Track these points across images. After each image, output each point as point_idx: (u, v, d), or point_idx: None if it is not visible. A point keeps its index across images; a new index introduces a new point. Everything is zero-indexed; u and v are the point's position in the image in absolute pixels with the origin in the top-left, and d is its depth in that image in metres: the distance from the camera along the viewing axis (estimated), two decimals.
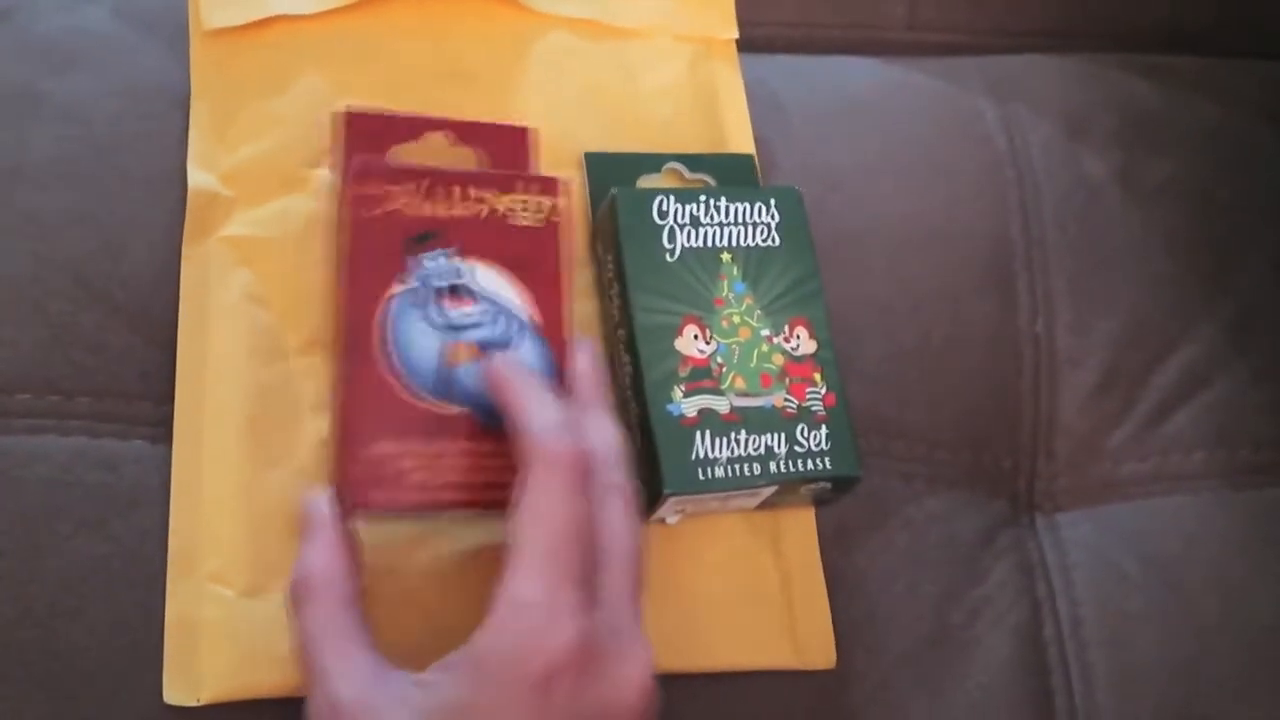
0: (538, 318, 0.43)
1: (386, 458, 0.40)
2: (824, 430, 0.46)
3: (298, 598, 0.39)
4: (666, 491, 0.44)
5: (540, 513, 0.37)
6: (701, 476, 0.44)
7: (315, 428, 0.44)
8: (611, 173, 0.50)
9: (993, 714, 0.49)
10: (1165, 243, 0.57)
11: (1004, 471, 0.54)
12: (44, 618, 0.41)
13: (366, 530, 0.42)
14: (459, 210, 0.42)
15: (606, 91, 0.53)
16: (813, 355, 0.47)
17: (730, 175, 0.52)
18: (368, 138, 0.43)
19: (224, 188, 0.47)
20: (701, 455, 0.44)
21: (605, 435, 0.41)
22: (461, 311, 0.41)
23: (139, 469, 0.44)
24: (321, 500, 0.40)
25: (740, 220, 0.48)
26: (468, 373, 0.41)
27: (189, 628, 0.42)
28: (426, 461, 0.41)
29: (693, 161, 0.51)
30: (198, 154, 0.48)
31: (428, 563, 0.43)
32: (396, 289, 0.41)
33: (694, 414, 0.45)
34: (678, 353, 0.45)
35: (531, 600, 0.36)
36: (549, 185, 0.44)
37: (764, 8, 0.59)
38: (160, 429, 0.45)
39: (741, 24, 0.56)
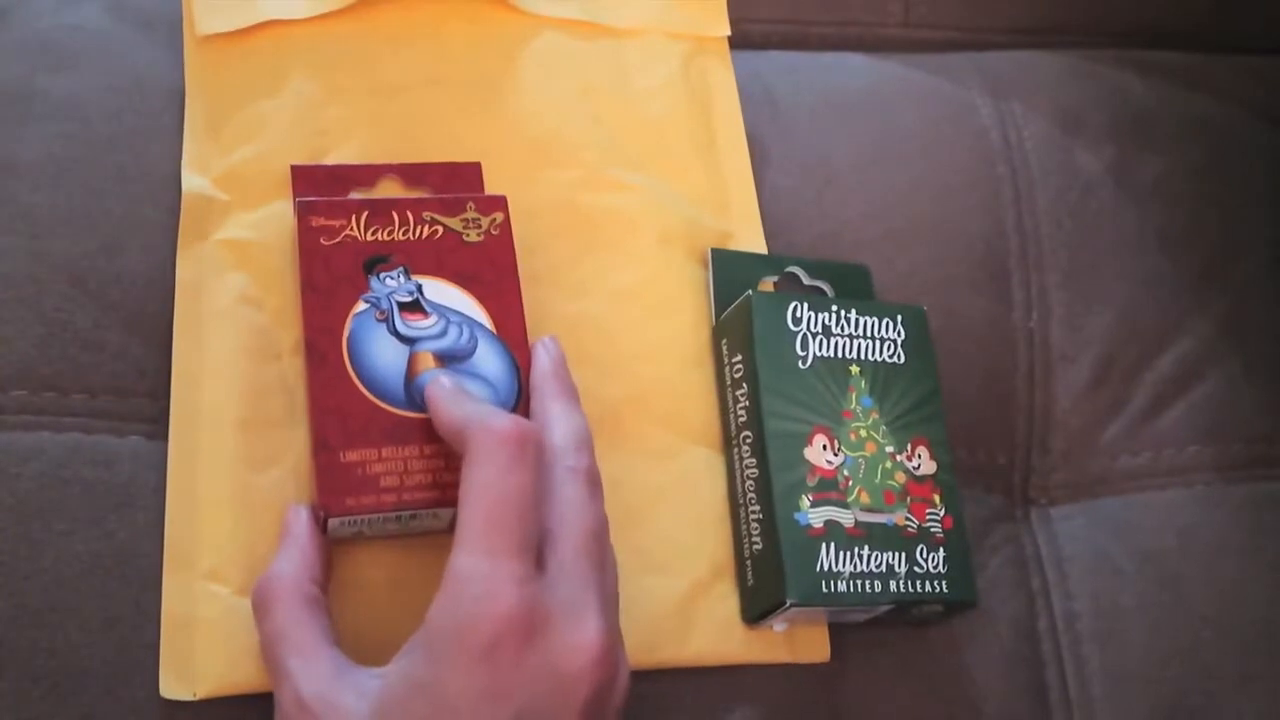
0: (495, 324, 0.45)
1: (358, 464, 0.42)
2: (942, 553, 0.46)
3: (261, 601, 0.40)
4: (790, 601, 0.44)
5: (477, 486, 0.37)
6: (825, 589, 0.44)
7: (309, 428, 0.44)
8: (734, 270, 0.50)
9: (988, 708, 0.49)
10: (1159, 238, 0.57)
11: (999, 466, 0.54)
12: (40, 613, 0.41)
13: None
14: (408, 235, 0.45)
15: (599, 92, 0.53)
16: (933, 476, 0.48)
17: (847, 284, 0.52)
18: (316, 189, 0.46)
19: (218, 191, 0.48)
20: (826, 567, 0.44)
21: (568, 423, 0.41)
22: (420, 324, 0.44)
23: (135, 465, 0.44)
24: (299, 511, 0.42)
25: (869, 334, 0.48)
26: (430, 379, 0.43)
27: (185, 624, 0.42)
28: (397, 465, 0.42)
29: (811, 268, 0.52)
30: (192, 158, 0.48)
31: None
32: (359, 307, 0.44)
33: (820, 525, 0.45)
34: (807, 462, 0.46)
35: (472, 571, 0.36)
36: (491, 203, 0.46)
37: (758, 4, 0.60)
38: (156, 425, 0.45)
39: (736, 21, 0.57)
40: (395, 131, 0.50)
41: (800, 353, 0.47)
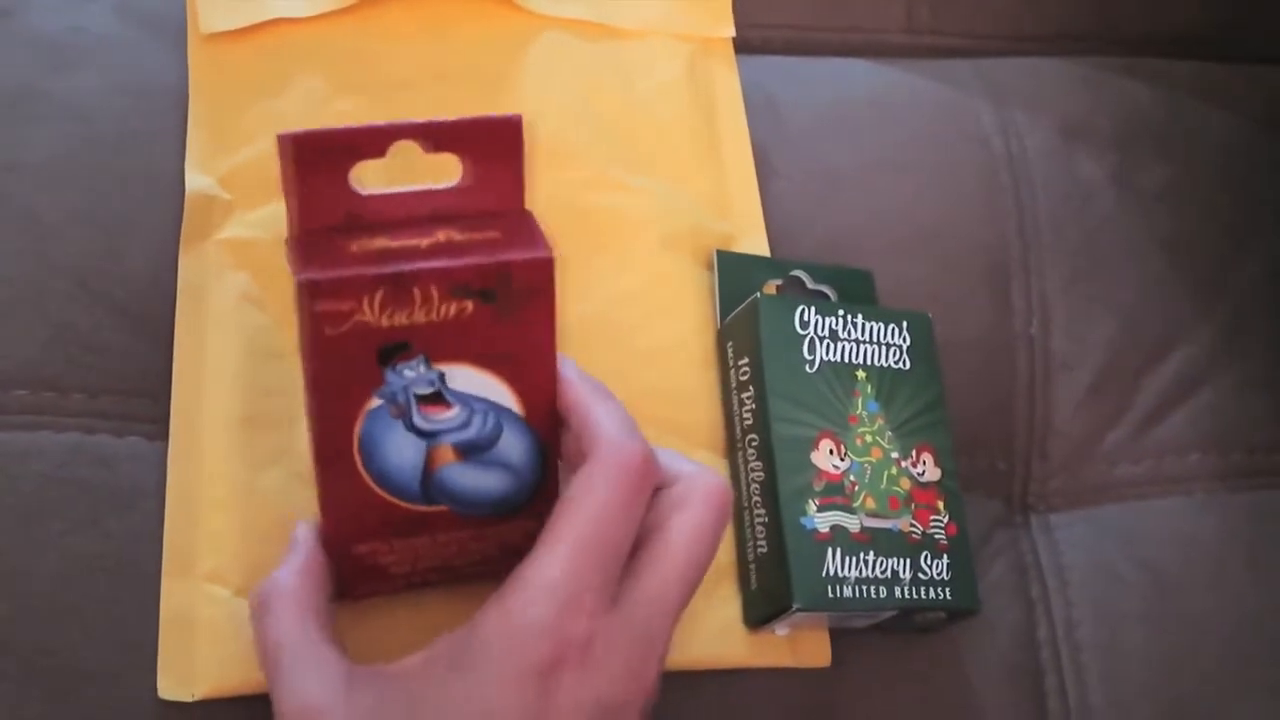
0: (522, 407, 0.39)
1: (369, 554, 0.40)
2: (945, 560, 0.46)
3: (259, 607, 0.38)
4: (796, 606, 0.43)
5: (589, 507, 0.36)
6: (831, 594, 0.44)
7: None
8: (739, 273, 0.50)
9: (987, 715, 0.49)
10: (1160, 246, 0.57)
11: (999, 473, 0.54)
12: (39, 614, 0.41)
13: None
14: (431, 315, 0.36)
15: (604, 92, 0.53)
16: (937, 483, 0.48)
17: (851, 289, 0.52)
18: (321, 161, 0.36)
19: (222, 190, 0.48)
20: (832, 572, 0.44)
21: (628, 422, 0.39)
22: (441, 417, 0.38)
23: (135, 466, 0.44)
24: (302, 527, 0.40)
25: (875, 339, 0.48)
26: (449, 474, 0.39)
27: (184, 625, 0.42)
28: (408, 555, 0.41)
29: (816, 272, 0.52)
30: (196, 157, 0.48)
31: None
32: (373, 403, 0.37)
33: (826, 529, 0.45)
34: (813, 466, 0.46)
35: (553, 587, 0.34)
36: (534, 268, 0.36)
37: (762, 10, 0.60)
38: (157, 426, 0.45)
39: (739, 26, 0.57)
40: None
41: (807, 357, 0.47)
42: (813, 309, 0.48)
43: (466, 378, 0.38)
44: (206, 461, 0.44)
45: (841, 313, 0.48)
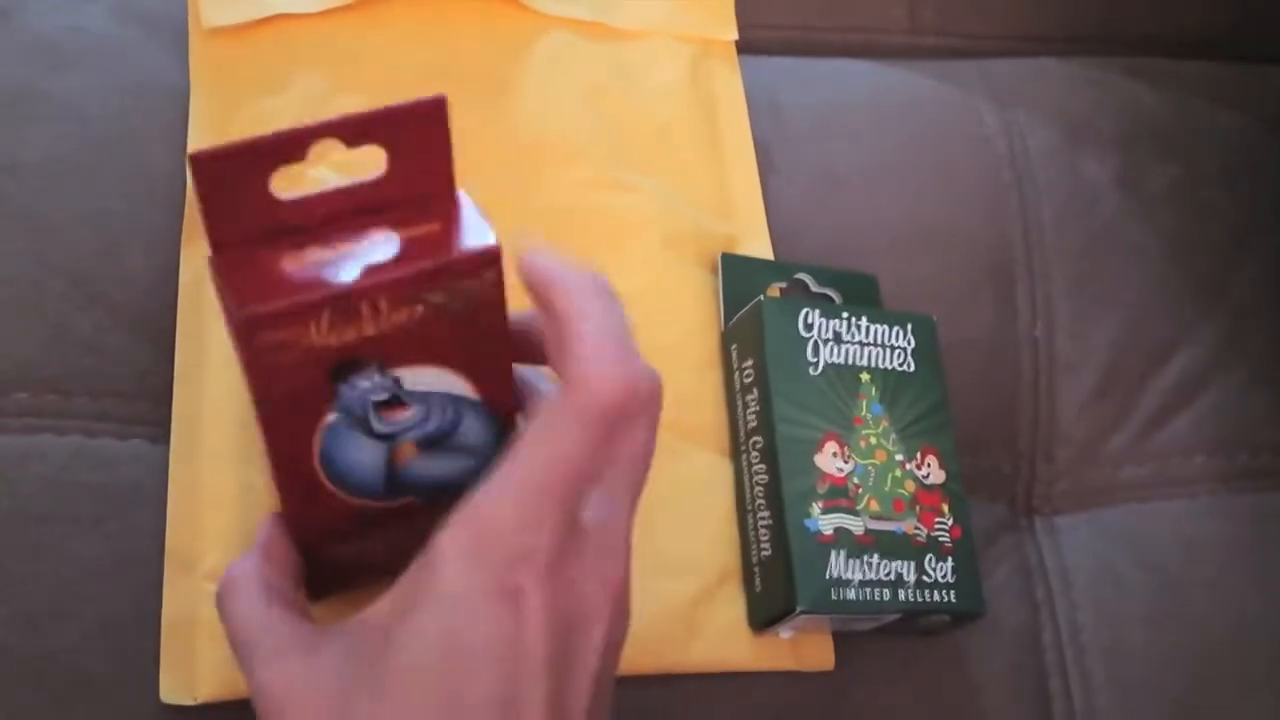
0: (480, 393, 0.37)
1: (339, 553, 0.40)
2: (950, 563, 0.46)
3: (219, 599, 0.37)
4: (800, 609, 0.43)
5: (554, 450, 0.32)
6: (834, 596, 0.44)
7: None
8: (743, 276, 0.50)
9: (991, 718, 0.49)
10: (1164, 247, 0.57)
11: (1003, 475, 0.53)
12: (41, 617, 0.41)
13: None
14: (379, 325, 0.34)
15: (606, 92, 0.53)
16: (942, 486, 0.47)
17: (855, 292, 0.52)
18: (238, 176, 0.33)
19: None
20: (835, 575, 0.44)
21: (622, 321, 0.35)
22: (400, 418, 0.37)
23: (136, 468, 0.44)
24: (262, 518, 0.39)
25: (879, 342, 0.48)
26: (412, 467, 0.38)
27: (186, 627, 0.41)
28: (379, 547, 0.39)
29: (820, 275, 0.51)
30: None
31: None
32: (330, 417, 0.36)
33: (830, 532, 0.45)
34: (817, 468, 0.45)
35: (510, 503, 0.32)
36: (481, 259, 0.34)
37: (764, 11, 0.59)
38: (158, 429, 0.45)
39: (741, 26, 0.56)
40: None
41: (811, 359, 0.47)
42: (817, 311, 0.48)
43: (421, 375, 0.36)
44: (207, 463, 0.44)
45: (845, 315, 0.48)
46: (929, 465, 0.47)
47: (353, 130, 0.34)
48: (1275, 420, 0.56)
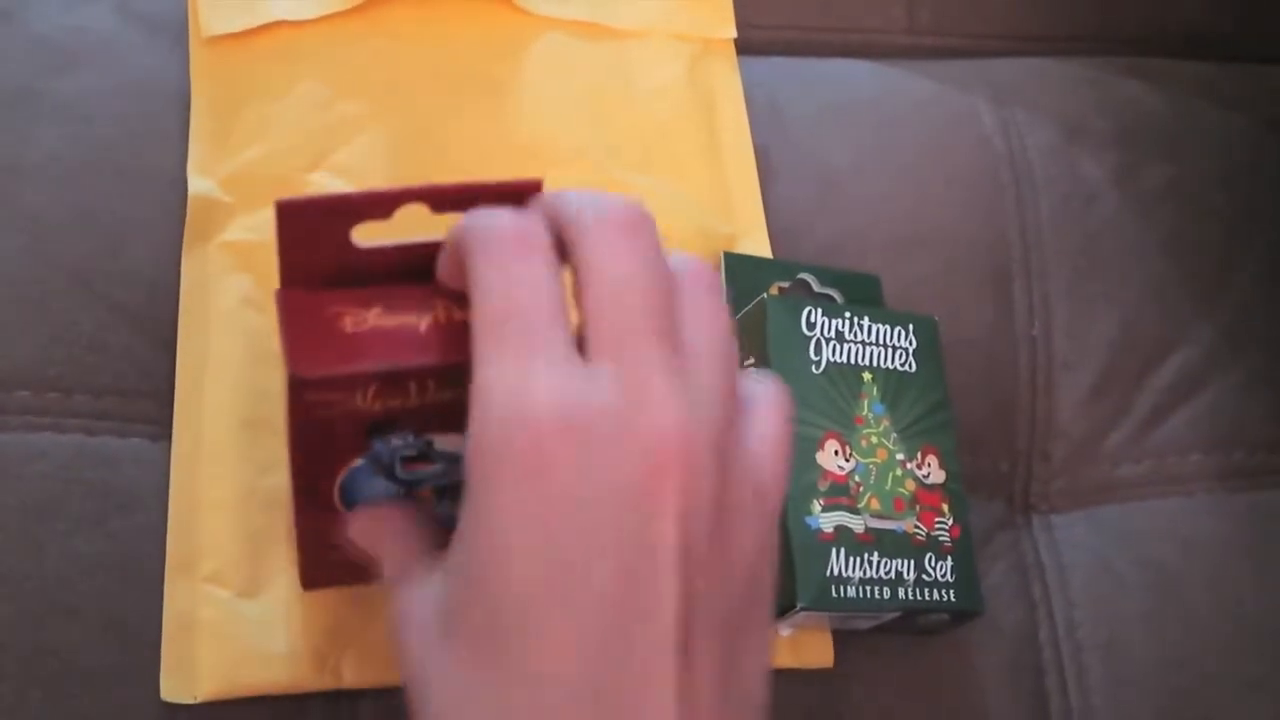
0: None
1: (337, 554, 0.40)
2: (949, 562, 0.46)
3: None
4: (800, 605, 0.43)
5: (481, 290, 0.30)
6: (834, 594, 0.44)
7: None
8: (745, 275, 0.50)
9: (989, 716, 0.49)
10: (1162, 246, 0.57)
11: (1000, 473, 0.54)
12: (41, 615, 0.41)
13: None
14: (424, 400, 0.35)
15: (605, 93, 0.53)
16: (942, 485, 0.48)
17: (857, 292, 0.52)
18: (313, 229, 0.34)
19: (223, 193, 0.48)
20: (836, 572, 0.44)
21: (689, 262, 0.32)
22: (423, 471, 0.37)
23: (138, 467, 0.44)
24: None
25: (881, 341, 0.48)
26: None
27: (186, 626, 0.42)
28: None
29: (822, 275, 0.52)
30: (197, 159, 0.48)
31: None
32: (357, 461, 0.37)
33: (830, 530, 0.45)
34: (819, 466, 0.46)
35: (494, 380, 0.29)
36: None
37: (762, 10, 0.59)
38: (160, 427, 0.45)
39: (740, 26, 0.56)
40: (400, 133, 0.50)
41: (814, 358, 0.47)
42: (819, 310, 0.48)
43: (453, 440, 0.36)
44: (208, 463, 0.44)
45: (848, 314, 0.48)
46: (929, 465, 0.48)
47: (447, 199, 0.34)
48: (1272, 419, 0.56)
